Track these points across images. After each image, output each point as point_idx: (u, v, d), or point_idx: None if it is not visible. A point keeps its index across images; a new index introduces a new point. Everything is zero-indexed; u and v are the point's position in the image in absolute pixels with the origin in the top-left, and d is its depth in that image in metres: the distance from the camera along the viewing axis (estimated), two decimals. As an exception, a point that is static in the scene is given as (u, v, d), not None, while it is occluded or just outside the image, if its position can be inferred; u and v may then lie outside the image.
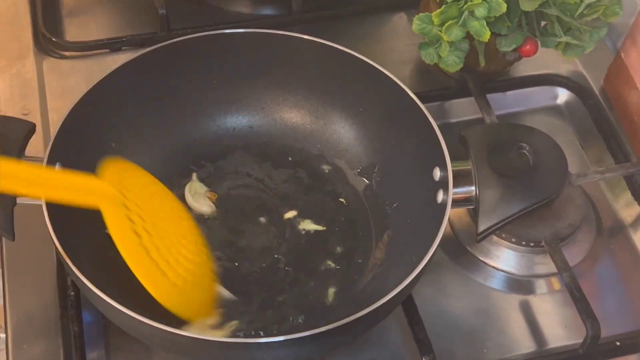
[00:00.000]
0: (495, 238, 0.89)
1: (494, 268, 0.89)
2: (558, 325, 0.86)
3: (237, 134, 0.94)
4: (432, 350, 0.80)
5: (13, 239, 0.78)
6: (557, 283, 0.89)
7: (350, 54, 0.89)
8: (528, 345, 0.85)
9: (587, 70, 1.05)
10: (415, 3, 1.05)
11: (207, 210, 0.88)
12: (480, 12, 0.87)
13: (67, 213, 0.79)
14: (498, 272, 0.89)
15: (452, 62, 0.92)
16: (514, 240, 0.89)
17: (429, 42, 0.92)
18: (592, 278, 0.90)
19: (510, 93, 1.03)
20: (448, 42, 0.90)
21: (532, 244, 0.89)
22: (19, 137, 0.79)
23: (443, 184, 0.81)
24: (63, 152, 0.80)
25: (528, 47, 0.93)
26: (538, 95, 1.04)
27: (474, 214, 0.81)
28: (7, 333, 0.82)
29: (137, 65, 0.87)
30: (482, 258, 0.90)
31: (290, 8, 1.07)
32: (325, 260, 0.86)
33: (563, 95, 1.04)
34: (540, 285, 0.89)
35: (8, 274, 0.85)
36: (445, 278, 0.88)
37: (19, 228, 0.78)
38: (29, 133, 0.80)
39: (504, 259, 0.89)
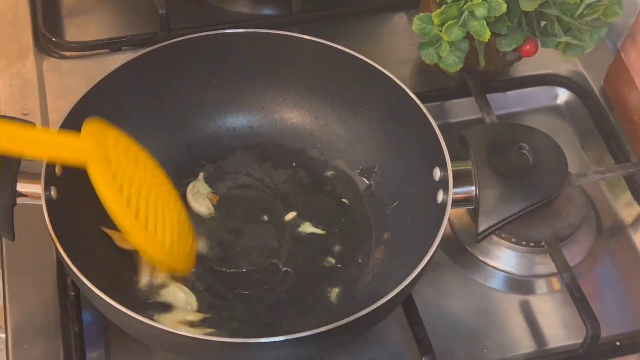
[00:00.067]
0: (495, 238, 0.89)
1: (494, 268, 0.89)
2: (558, 325, 0.86)
3: (237, 134, 0.94)
4: (432, 350, 0.80)
5: (13, 239, 0.78)
6: (557, 283, 0.89)
7: (350, 54, 0.89)
8: (528, 345, 0.85)
9: (587, 70, 1.05)
10: (415, 3, 1.05)
11: (204, 212, 0.88)
12: (480, 12, 0.87)
13: (67, 213, 0.79)
14: (498, 272, 0.89)
15: (452, 62, 0.92)
16: (514, 240, 0.89)
17: (429, 42, 0.92)
18: (592, 278, 0.90)
19: (510, 93, 1.03)
20: (448, 42, 0.90)
21: (532, 244, 0.89)
22: (19, 137, 0.79)
23: (443, 184, 0.81)
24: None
25: (528, 47, 0.93)
26: (538, 95, 1.04)
27: (474, 214, 0.81)
28: (7, 333, 0.82)
29: (137, 65, 0.87)
30: (482, 258, 0.90)
31: (290, 8, 1.07)
32: (326, 260, 0.86)
33: (563, 95, 1.04)
34: (540, 285, 0.89)
35: (8, 274, 0.85)
36: (445, 278, 0.88)
37: (19, 228, 0.78)
38: (29, 133, 0.80)
39: (504, 259, 0.89)
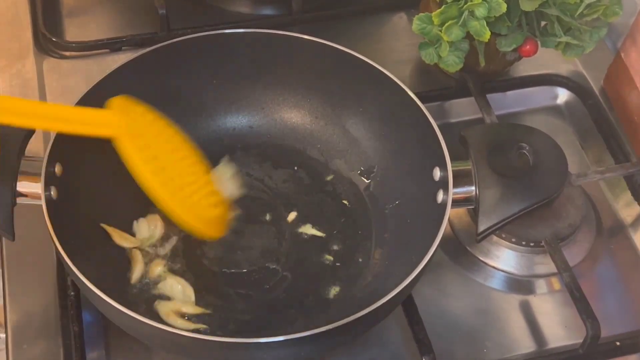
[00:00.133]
0: (495, 238, 0.89)
1: (494, 268, 0.89)
2: (558, 325, 0.86)
3: (237, 134, 0.94)
4: (432, 350, 0.80)
5: (13, 239, 0.78)
6: (557, 283, 0.89)
7: (350, 54, 0.89)
8: (528, 345, 0.85)
9: (587, 70, 1.05)
10: (415, 3, 1.05)
11: (234, 193, 0.89)
12: (480, 12, 0.87)
13: (67, 213, 0.79)
14: (498, 272, 0.89)
15: (452, 62, 0.92)
16: (514, 240, 0.89)
17: (429, 42, 0.92)
18: (592, 278, 0.90)
19: (510, 93, 1.03)
20: (448, 42, 0.90)
21: (532, 244, 0.89)
22: (19, 137, 0.79)
23: (443, 184, 0.81)
24: (63, 152, 0.80)
25: (528, 47, 0.93)
26: (538, 95, 1.04)
27: (474, 214, 0.81)
28: (7, 333, 0.82)
29: (137, 65, 0.87)
30: (482, 258, 0.90)
31: (290, 8, 1.07)
32: (326, 260, 0.86)
33: (563, 95, 1.04)
34: (540, 285, 0.89)
35: (8, 274, 0.85)
36: (445, 278, 0.88)
37: (19, 228, 0.78)
38: (29, 133, 0.80)
39: (504, 259, 0.89)
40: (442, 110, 1.01)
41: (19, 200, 0.78)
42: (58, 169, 0.80)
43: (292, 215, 0.89)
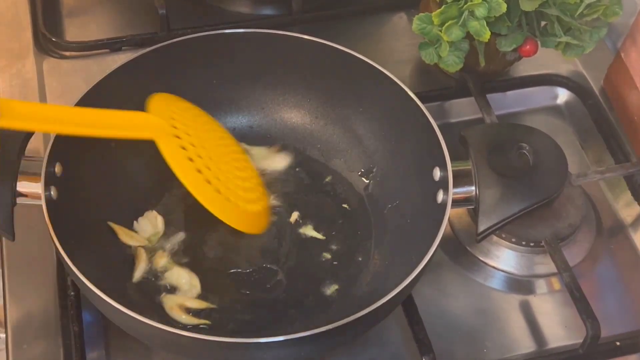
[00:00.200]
0: (495, 238, 0.89)
1: (494, 268, 0.89)
2: (558, 325, 0.86)
3: (237, 134, 0.94)
4: (432, 350, 0.80)
5: (13, 239, 0.78)
6: (557, 283, 0.89)
7: (350, 54, 0.89)
8: (528, 345, 0.85)
9: (587, 70, 1.05)
10: (415, 3, 1.05)
11: (282, 164, 0.92)
12: (480, 12, 0.87)
13: (67, 213, 0.79)
14: (498, 272, 0.89)
15: (452, 62, 0.92)
16: (514, 240, 0.89)
17: (429, 42, 0.92)
18: (592, 278, 0.90)
19: (510, 93, 1.03)
20: (448, 42, 0.90)
21: (532, 244, 0.89)
22: (19, 137, 0.79)
23: (443, 184, 0.81)
24: (63, 152, 0.80)
25: (528, 47, 0.93)
26: (538, 95, 1.04)
27: (474, 214, 0.81)
28: (7, 333, 0.82)
29: (137, 65, 0.87)
30: (482, 258, 0.90)
31: (290, 8, 1.07)
32: (324, 258, 0.86)
33: (563, 95, 1.04)
34: (540, 285, 0.89)
35: (8, 274, 0.85)
36: (445, 278, 0.88)
37: (19, 228, 0.78)
38: (29, 133, 0.80)
39: (504, 259, 0.89)
40: (442, 110, 1.01)
41: (19, 200, 0.78)
42: (58, 169, 0.80)
43: (293, 216, 0.89)
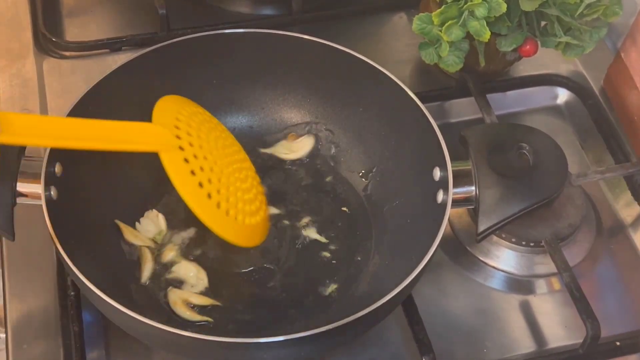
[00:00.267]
0: (495, 238, 0.89)
1: (494, 268, 0.89)
2: (558, 325, 0.86)
3: (237, 134, 0.94)
4: (432, 350, 0.80)
5: (13, 239, 0.78)
6: (557, 283, 0.89)
7: (350, 54, 0.89)
8: (528, 345, 0.85)
9: (587, 70, 1.05)
10: (415, 3, 1.05)
11: (305, 150, 0.93)
12: (480, 12, 0.87)
13: (67, 213, 0.79)
14: (498, 272, 0.89)
15: (452, 62, 0.92)
16: (514, 240, 0.89)
17: (429, 42, 0.92)
18: (592, 278, 0.90)
19: (510, 93, 1.03)
20: (448, 42, 0.90)
21: (532, 244, 0.89)
22: (19, 137, 0.79)
23: (443, 184, 0.81)
24: (63, 152, 0.80)
25: (528, 47, 0.93)
26: (538, 95, 1.04)
27: (474, 214, 0.81)
28: (7, 333, 0.82)
29: (137, 65, 0.87)
30: (482, 258, 0.90)
31: (290, 8, 1.07)
32: (324, 257, 0.86)
33: (563, 95, 1.04)
34: (540, 285, 0.89)
35: (8, 274, 0.85)
36: (445, 278, 0.88)
37: (19, 228, 0.78)
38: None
39: (504, 259, 0.89)
40: (442, 110, 1.01)
41: (19, 200, 0.78)
42: (58, 169, 0.80)
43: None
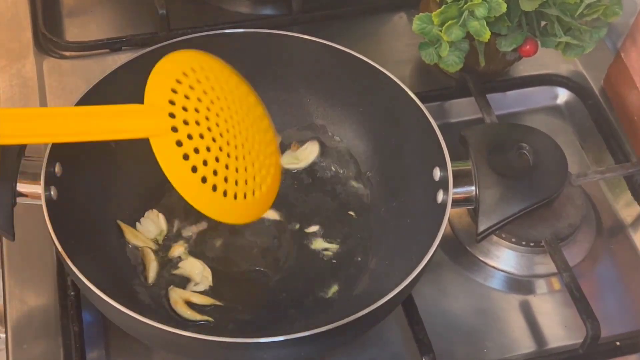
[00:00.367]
0: (495, 238, 0.89)
1: (494, 268, 0.89)
2: (558, 325, 0.86)
3: (237, 134, 0.94)
4: (432, 350, 0.80)
5: (13, 239, 0.78)
6: (557, 283, 0.89)
7: (350, 54, 0.89)
8: (528, 345, 0.85)
9: (587, 70, 1.05)
10: (415, 3, 1.05)
11: (311, 158, 0.93)
12: (480, 12, 0.87)
13: (67, 213, 0.79)
14: (498, 272, 0.89)
15: (452, 62, 0.92)
16: (514, 240, 0.89)
17: (429, 42, 0.92)
18: (592, 278, 0.90)
19: (510, 93, 1.03)
20: (448, 42, 0.90)
21: (532, 244, 0.89)
22: (19, 137, 0.79)
23: (443, 184, 0.81)
24: (63, 152, 0.80)
25: (528, 47, 0.93)
26: (538, 95, 1.04)
27: (474, 214, 0.81)
28: (7, 333, 0.82)
29: (137, 65, 0.87)
30: (482, 258, 0.90)
31: (290, 8, 1.07)
32: (326, 260, 0.86)
33: (563, 95, 1.04)
34: (540, 285, 0.89)
35: (8, 274, 0.85)
36: (445, 278, 0.88)
37: (19, 228, 0.78)
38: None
39: (504, 259, 0.89)
40: (442, 110, 1.01)
41: (19, 200, 0.78)
42: (58, 169, 0.80)
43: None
